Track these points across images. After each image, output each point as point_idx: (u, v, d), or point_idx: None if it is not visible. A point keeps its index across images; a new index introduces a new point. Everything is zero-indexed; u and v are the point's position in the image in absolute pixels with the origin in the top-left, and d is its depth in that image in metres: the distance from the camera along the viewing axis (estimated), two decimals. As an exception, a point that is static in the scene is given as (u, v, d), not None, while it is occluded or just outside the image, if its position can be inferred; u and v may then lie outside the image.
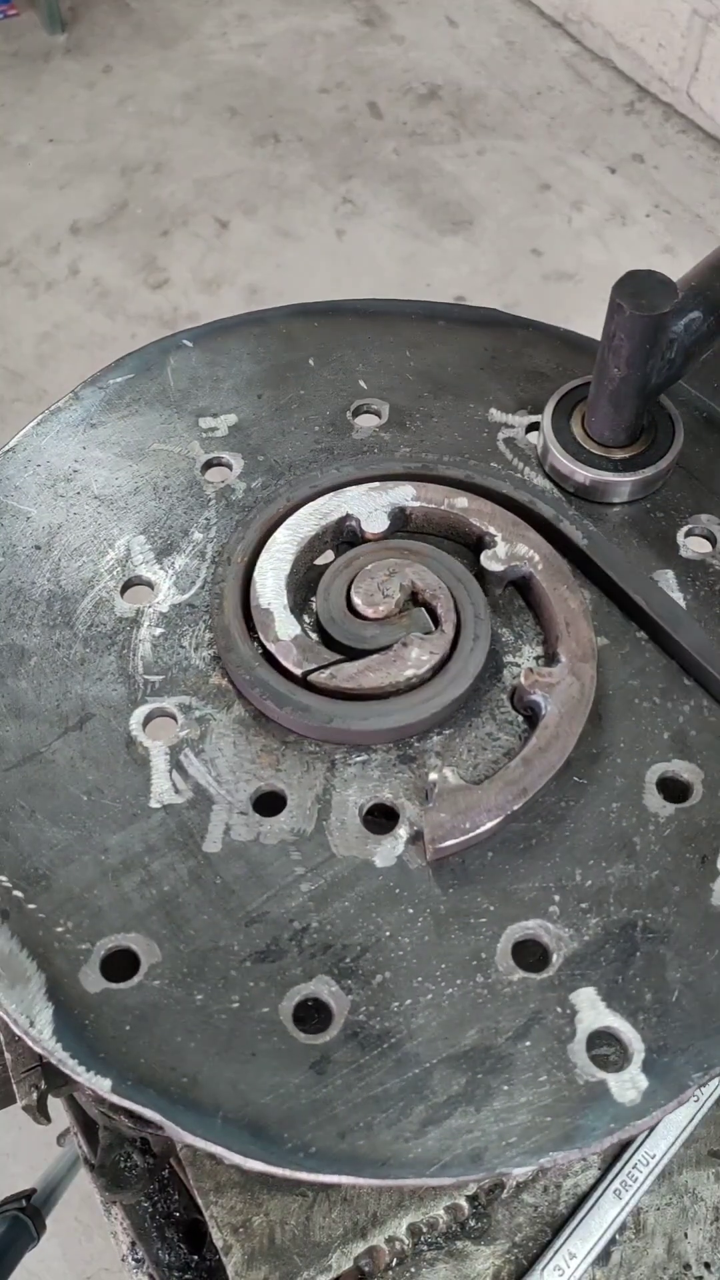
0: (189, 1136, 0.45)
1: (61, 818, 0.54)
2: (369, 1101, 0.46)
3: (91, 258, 2.18)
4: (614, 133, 2.46)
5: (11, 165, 2.36)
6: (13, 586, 0.62)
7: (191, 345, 0.73)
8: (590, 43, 2.63)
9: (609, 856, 0.53)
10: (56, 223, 2.25)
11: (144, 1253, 0.63)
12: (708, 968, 0.50)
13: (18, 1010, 0.48)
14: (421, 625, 0.58)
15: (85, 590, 0.62)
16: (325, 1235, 0.49)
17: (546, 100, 2.53)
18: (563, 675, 0.57)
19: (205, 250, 2.20)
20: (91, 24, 2.69)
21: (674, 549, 0.64)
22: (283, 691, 0.56)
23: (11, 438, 0.68)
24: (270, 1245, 0.49)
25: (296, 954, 0.50)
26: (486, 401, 0.71)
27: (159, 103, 2.50)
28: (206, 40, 2.67)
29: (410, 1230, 0.50)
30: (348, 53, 2.64)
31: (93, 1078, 0.47)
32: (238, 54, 2.63)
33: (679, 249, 2.19)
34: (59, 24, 2.64)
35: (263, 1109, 0.46)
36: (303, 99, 2.52)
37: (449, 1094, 0.47)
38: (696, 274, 0.64)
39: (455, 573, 0.61)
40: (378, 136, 2.43)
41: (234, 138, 2.42)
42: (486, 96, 2.53)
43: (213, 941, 0.50)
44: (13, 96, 2.50)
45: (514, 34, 2.70)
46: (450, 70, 2.60)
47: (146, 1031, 0.48)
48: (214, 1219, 0.49)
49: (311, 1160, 0.45)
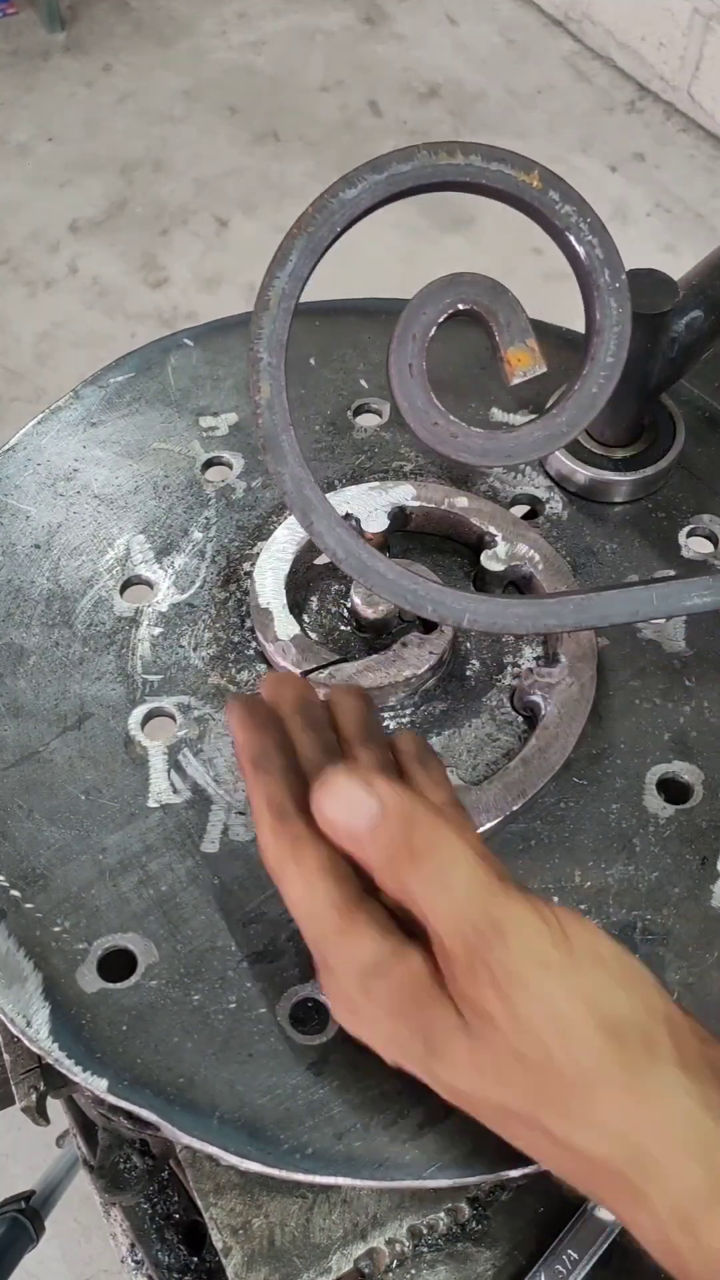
0: (185, 1137, 0.45)
1: (59, 817, 0.54)
2: (366, 1103, 0.46)
3: (90, 256, 2.18)
4: (615, 131, 2.45)
5: (10, 164, 2.36)
6: (11, 585, 0.61)
7: (192, 344, 0.72)
8: (591, 41, 2.63)
9: (608, 858, 0.53)
10: (55, 221, 2.24)
11: (143, 1254, 0.63)
12: (707, 969, 0.50)
13: (14, 1010, 0.48)
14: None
15: (84, 589, 0.61)
16: (325, 1237, 0.48)
17: (547, 99, 2.53)
18: (563, 675, 0.57)
19: (205, 249, 2.20)
20: (91, 22, 2.69)
21: (676, 549, 0.64)
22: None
23: (11, 436, 0.68)
24: (270, 1247, 0.48)
25: (294, 954, 0.50)
26: (488, 401, 0.70)
27: (158, 101, 2.50)
28: (206, 38, 2.66)
29: (411, 1232, 0.49)
30: (348, 51, 2.63)
31: (89, 1077, 0.46)
32: (237, 52, 2.63)
33: (680, 248, 2.19)
34: (58, 22, 2.63)
35: (260, 1109, 0.46)
36: (303, 97, 2.51)
37: (448, 1095, 0.46)
38: (697, 273, 0.64)
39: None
40: (378, 135, 2.43)
41: (234, 136, 2.42)
42: (487, 95, 2.53)
43: (210, 942, 0.50)
44: (11, 95, 2.50)
45: (514, 32, 2.70)
46: (451, 69, 2.59)
47: (143, 1031, 0.48)
48: (213, 1221, 0.49)
49: (308, 1161, 0.45)
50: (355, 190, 0.44)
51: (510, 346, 0.45)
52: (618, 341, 0.45)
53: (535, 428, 0.47)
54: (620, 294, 0.45)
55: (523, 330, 0.45)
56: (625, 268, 0.45)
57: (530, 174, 0.44)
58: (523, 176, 0.44)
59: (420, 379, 0.46)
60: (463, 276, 0.46)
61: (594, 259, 0.45)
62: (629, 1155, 0.36)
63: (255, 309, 0.44)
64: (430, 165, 0.44)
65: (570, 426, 0.46)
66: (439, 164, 0.44)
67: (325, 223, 0.44)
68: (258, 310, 0.44)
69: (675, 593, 0.50)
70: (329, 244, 0.44)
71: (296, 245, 0.44)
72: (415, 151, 0.44)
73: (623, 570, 0.63)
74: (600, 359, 0.46)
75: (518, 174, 0.44)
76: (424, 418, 0.46)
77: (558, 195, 0.45)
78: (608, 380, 0.46)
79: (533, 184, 0.45)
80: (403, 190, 0.45)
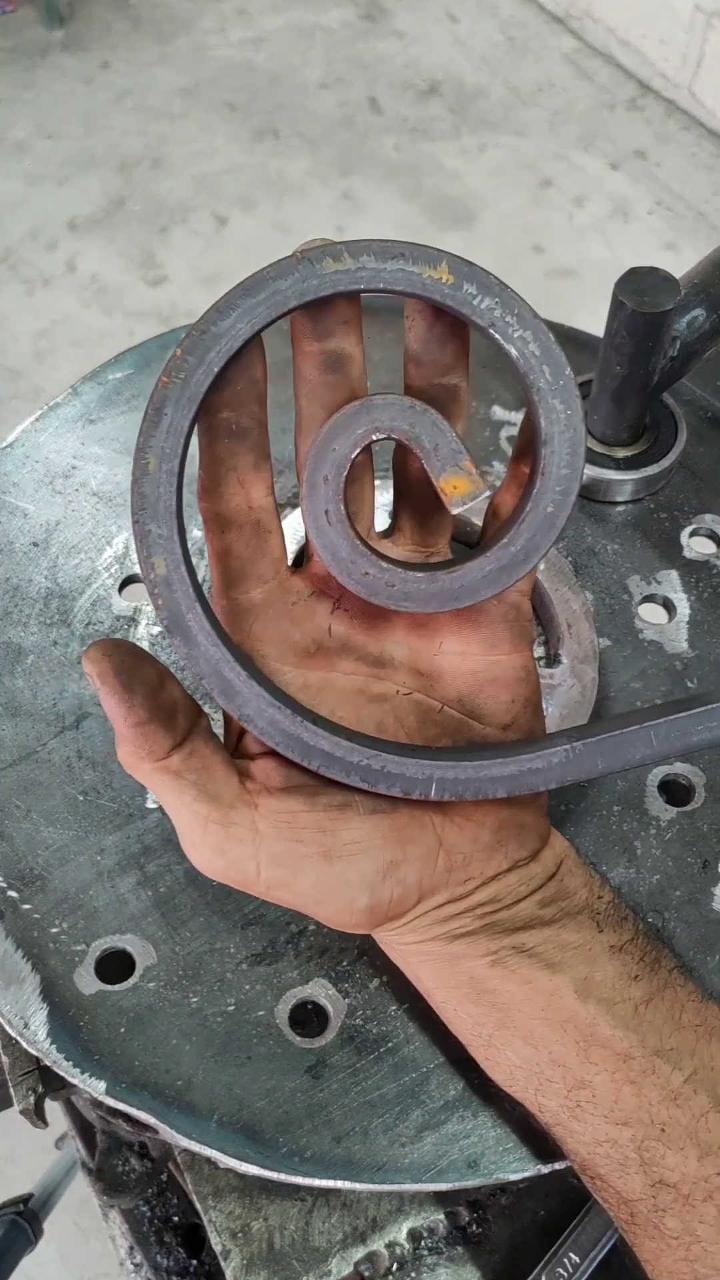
0: (183, 1140, 0.45)
1: (57, 818, 0.53)
2: (365, 1106, 0.46)
3: (89, 254, 2.18)
4: (616, 129, 2.45)
5: (8, 161, 2.35)
6: (10, 584, 0.61)
7: (190, 341, 0.72)
8: (592, 39, 2.63)
9: (609, 860, 0.53)
10: (54, 219, 2.24)
11: (142, 1257, 0.63)
12: (708, 973, 0.50)
13: (12, 1011, 0.48)
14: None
15: (83, 588, 0.61)
16: (325, 1240, 0.48)
17: (548, 96, 2.53)
18: (564, 677, 0.56)
19: (204, 246, 2.20)
20: (89, 19, 2.69)
21: (678, 550, 0.64)
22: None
23: (9, 434, 0.67)
24: (269, 1250, 0.48)
25: (293, 957, 0.50)
26: (489, 399, 0.70)
27: (157, 98, 2.50)
28: (205, 35, 2.66)
29: (410, 1235, 0.49)
30: (347, 48, 2.63)
31: (87, 1079, 0.46)
32: (237, 49, 2.63)
33: (681, 246, 2.19)
34: (57, 19, 2.63)
35: (258, 1112, 0.46)
36: (302, 94, 2.51)
37: (446, 1099, 0.46)
38: (699, 271, 0.64)
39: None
40: (378, 132, 2.42)
41: (233, 133, 2.42)
42: (487, 92, 2.53)
43: (209, 944, 0.50)
44: (10, 92, 2.50)
45: (515, 30, 2.69)
46: (451, 66, 2.59)
47: (141, 1033, 0.47)
48: (213, 1224, 0.49)
49: (307, 1164, 0.45)
50: (229, 320, 0.38)
51: (442, 475, 0.39)
52: (571, 449, 0.39)
53: (486, 560, 0.40)
54: (566, 393, 0.38)
55: (454, 453, 0.39)
56: (568, 365, 0.38)
57: (437, 267, 0.38)
58: (428, 272, 0.38)
59: (341, 526, 0.40)
60: (374, 401, 0.40)
61: (528, 357, 0.38)
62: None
63: (134, 475, 0.39)
64: (315, 277, 0.38)
65: (528, 554, 0.40)
66: (325, 274, 0.38)
67: (199, 364, 0.38)
68: (136, 477, 0.39)
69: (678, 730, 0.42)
70: (209, 385, 0.38)
71: (169, 396, 0.38)
72: (295, 265, 0.38)
73: (624, 570, 0.63)
74: (553, 472, 0.39)
75: (421, 270, 0.38)
76: (352, 570, 0.40)
77: (474, 288, 0.38)
78: (565, 495, 0.39)
79: (441, 279, 0.38)
80: (287, 310, 0.38)
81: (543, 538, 0.40)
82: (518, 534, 0.40)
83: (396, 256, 0.38)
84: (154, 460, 0.39)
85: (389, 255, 0.38)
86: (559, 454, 0.39)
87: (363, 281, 0.38)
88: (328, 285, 0.38)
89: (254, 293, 0.38)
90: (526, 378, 0.38)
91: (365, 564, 0.40)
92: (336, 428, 0.40)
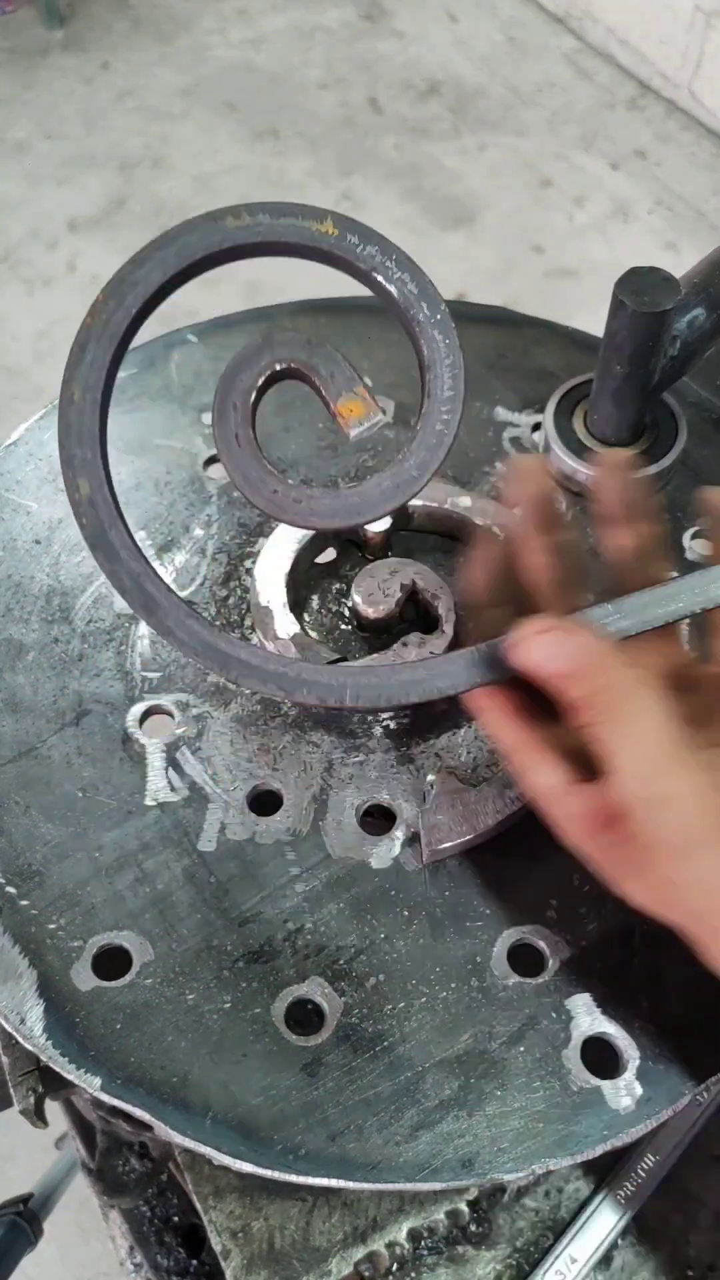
0: (178, 1137, 0.45)
1: (56, 814, 0.53)
2: (360, 1105, 0.46)
3: (89, 254, 2.18)
4: (616, 129, 2.45)
5: (9, 161, 2.35)
6: (11, 581, 0.61)
7: (196, 340, 0.72)
8: (592, 39, 2.63)
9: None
10: (54, 219, 2.24)
11: (142, 1257, 0.63)
12: (705, 975, 0.50)
13: (8, 1007, 0.48)
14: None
15: (84, 586, 0.61)
16: (325, 1240, 0.48)
17: (548, 96, 2.53)
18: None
19: (205, 246, 2.20)
20: (89, 19, 2.69)
21: (679, 551, 0.64)
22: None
23: (10, 433, 0.67)
24: (270, 1250, 0.48)
25: (290, 955, 0.49)
26: (493, 400, 0.70)
27: (157, 98, 2.49)
28: (205, 35, 2.66)
29: (411, 1235, 0.49)
30: (348, 48, 2.63)
31: (83, 1075, 0.46)
32: (237, 49, 2.62)
33: (681, 245, 2.19)
34: (57, 19, 2.63)
35: (253, 1110, 0.46)
36: (302, 94, 2.51)
37: (441, 1098, 0.46)
38: (699, 271, 0.64)
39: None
40: (378, 132, 2.42)
41: (233, 133, 2.41)
42: (487, 92, 2.52)
43: (206, 941, 0.50)
44: (10, 92, 2.50)
45: (515, 30, 2.69)
46: (451, 66, 2.59)
47: (138, 1030, 0.47)
48: (213, 1224, 0.49)
49: (302, 1163, 0.45)
50: (145, 269, 0.43)
51: (339, 399, 0.44)
52: (452, 374, 0.43)
53: (383, 478, 0.44)
54: (444, 325, 0.43)
55: (348, 379, 0.44)
56: (444, 301, 0.43)
57: (323, 222, 0.43)
58: (316, 226, 0.44)
59: (249, 448, 0.44)
60: (274, 336, 0.44)
61: (407, 295, 0.44)
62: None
63: (60, 404, 0.43)
64: (218, 232, 0.44)
65: (421, 470, 0.44)
66: (227, 228, 0.44)
67: (119, 307, 0.43)
68: (62, 405, 0.43)
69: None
70: (129, 327, 0.43)
71: (92, 335, 0.43)
72: (200, 222, 0.43)
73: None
74: (437, 394, 0.44)
75: (310, 224, 0.43)
76: (261, 488, 0.44)
77: (356, 238, 0.43)
78: (451, 414, 0.44)
79: (327, 231, 0.43)
80: (194, 261, 0.44)
81: (432, 455, 0.44)
82: (409, 453, 0.44)
83: (288, 214, 0.44)
84: (78, 390, 0.43)
85: (281, 213, 0.44)
86: (441, 378, 0.43)
87: (260, 235, 0.44)
88: (229, 239, 0.44)
89: (165, 246, 0.44)
90: (407, 313, 0.44)
91: (273, 483, 0.44)
92: (240, 362, 0.45)
